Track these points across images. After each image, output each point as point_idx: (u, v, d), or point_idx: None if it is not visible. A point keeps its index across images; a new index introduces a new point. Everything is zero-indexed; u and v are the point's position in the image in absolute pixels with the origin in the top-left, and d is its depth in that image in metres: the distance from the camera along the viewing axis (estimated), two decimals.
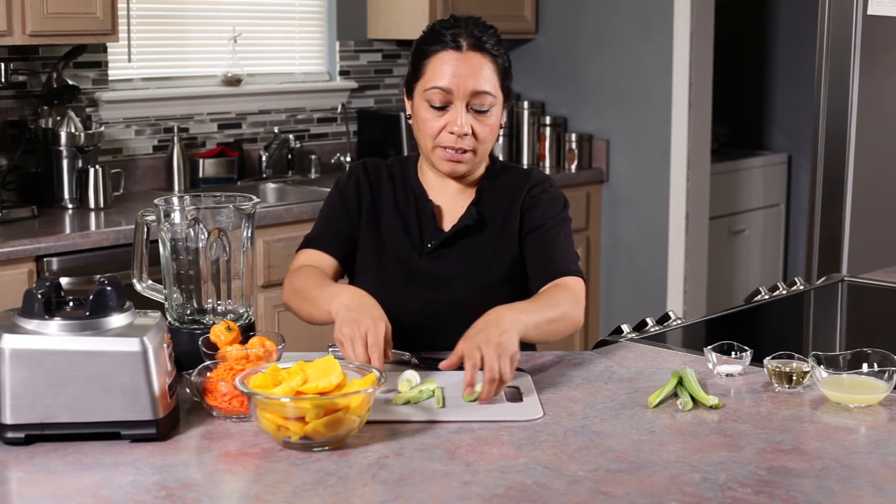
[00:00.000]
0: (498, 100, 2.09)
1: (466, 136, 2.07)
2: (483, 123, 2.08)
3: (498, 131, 2.13)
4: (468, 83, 2.05)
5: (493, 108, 2.08)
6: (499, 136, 2.17)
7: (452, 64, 2.05)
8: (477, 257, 2.14)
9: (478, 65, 2.05)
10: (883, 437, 1.63)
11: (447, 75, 2.05)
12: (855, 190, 3.61)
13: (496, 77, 2.08)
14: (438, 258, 2.14)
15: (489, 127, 2.09)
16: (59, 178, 3.68)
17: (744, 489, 1.42)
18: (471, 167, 2.12)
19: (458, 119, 2.05)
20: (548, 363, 1.98)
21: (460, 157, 2.08)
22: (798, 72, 5.62)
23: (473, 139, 2.07)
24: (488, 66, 2.07)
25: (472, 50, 2.06)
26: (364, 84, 4.68)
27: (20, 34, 3.39)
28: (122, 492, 1.41)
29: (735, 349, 1.92)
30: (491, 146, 2.14)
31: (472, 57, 2.06)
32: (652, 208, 4.69)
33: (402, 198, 2.19)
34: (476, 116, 2.07)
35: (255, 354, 1.76)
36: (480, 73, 2.05)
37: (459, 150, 2.07)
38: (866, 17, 3.51)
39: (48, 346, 1.55)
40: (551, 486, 1.43)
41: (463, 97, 2.05)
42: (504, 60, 2.11)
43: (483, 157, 2.14)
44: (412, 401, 1.76)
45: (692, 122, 4.55)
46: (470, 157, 2.10)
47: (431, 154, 2.11)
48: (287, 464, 1.51)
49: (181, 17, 4.23)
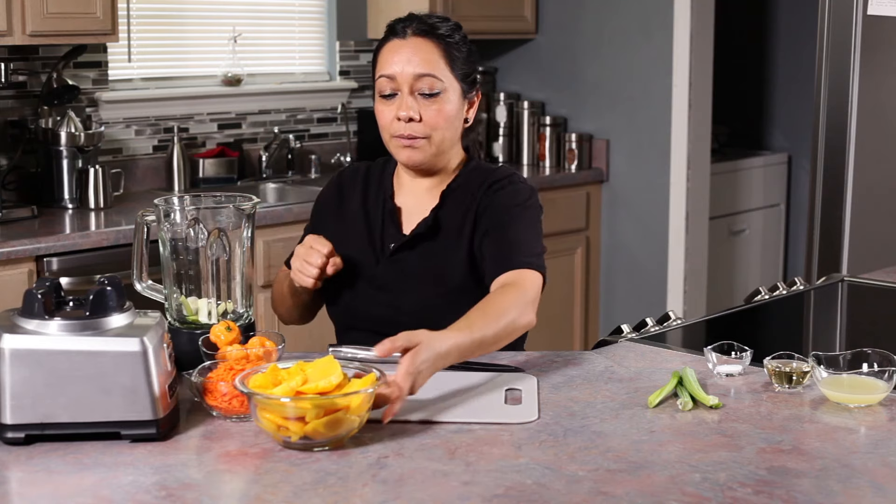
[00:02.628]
0: (448, 85, 2.08)
1: (413, 122, 2.07)
2: (428, 108, 2.07)
3: (455, 120, 2.10)
4: (408, 67, 2.06)
5: (445, 94, 2.07)
6: (477, 130, 2.16)
7: (395, 51, 2.08)
8: (435, 262, 2.11)
9: (419, 48, 2.07)
10: (883, 437, 1.63)
11: (390, 62, 2.08)
12: (855, 190, 3.61)
13: (443, 61, 2.07)
14: (398, 262, 2.13)
15: (439, 113, 2.07)
16: (59, 178, 3.68)
17: (744, 489, 1.42)
18: (427, 156, 2.10)
19: (404, 103, 2.06)
20: (548, 363, 1.98)
21: (411, 142, 2.08)
22: (798, 72, 5.62)
23: (424, 126, 2.07)
24: (432, 50, 2.07)
25: (416, 35, 2.08)
26: (364, 84, 4.68)
27: (20, 34, 3.39)
28: (122, 492, 1.41)
29: (735, 349, 1.92)
30: (449, 135, 2.10)
31: (415, 42, 2.08)
32: (652, 208, 4.69)
33: (373, 200, 2.19)
34: (424, 102, 2.07)
35: (255, 354, 1.76)
36: (421, 56, 2.06)
37: (409, 136, 2.08)
38: (866, 17, 3.51)
39: (48, 346, 1.55)
40: (551, 486, 1.43)
41: (407, 82, 2.06)
42: (457, 48, 2.09)
43: (442, 147, 2.11)
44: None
45: (692, 122, 4.55)
46: (424, 144, 2.09)
47: (390, 145, 2.12)
48: (287, 464, 1.51)
49: (181, 17, 4.23)
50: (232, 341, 1.81)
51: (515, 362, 1.97)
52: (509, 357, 2.00)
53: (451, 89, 2.09)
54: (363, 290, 2.14)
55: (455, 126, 2.11)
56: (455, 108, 2.10)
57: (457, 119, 2.11)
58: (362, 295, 2.14)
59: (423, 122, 2.07)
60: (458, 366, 1.91)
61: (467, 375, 1.88)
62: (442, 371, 1.89)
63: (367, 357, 1.95)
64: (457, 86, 2.09)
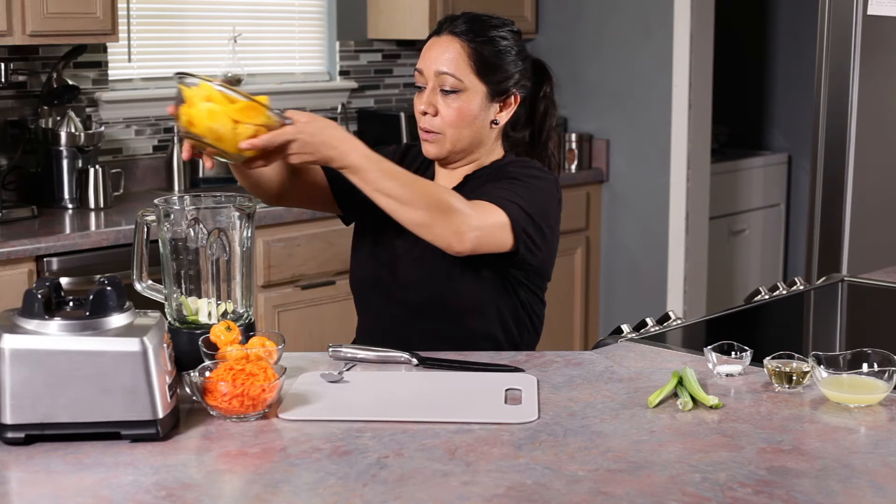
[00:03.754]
0: (469, 85, 2.10)
1: (427, 116, 2.12)
2: (447, 106, 2.11)
3: (476, 120, 2.12)
4: (433, 64, 2.11)
5: (465, 94, 2.10)
6: (496, 130, 2.16)
7: (430, 47, 2.14)
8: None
9: (448, 48, 2.11)
10: (883, 437, 1.63)
11: (423, 57, 2.14)
12: (855, 190, 3.61)
13: (468, 62, 2.10)
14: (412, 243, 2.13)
15: (453, 110, 2.10)
16: (59, 178, 3.68)
17: (744, 489, 1.42)
18: (443, 151, 2.14)
19: (425, 97, 2.12)
20: (548, 363, 1.98)
21: (426, 136, 2.14)
22: (798, 72, 5.62)
23: (441, 122, 2.11)
24: (457, 50, 2.10)
25: (448, 34, 2.12)
26: (364, 84, 4.68)
27: (20, 34, 3.40)
28: (122, 492, 1.41)
29: (735, 349, 1.92)
30: (468, 134, 2.12)
31: (445, 40, 2.12)
32: (652, 208, 4.69)
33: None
34: (445, 99, 2.11)
35: (255, 354, 1.76)
36: (445, 56, 2.10)
37: (426, 130, 2.13)
38: (866, 17, 3.51)
39: (48, 346, 1.55)
40: (551, 486, 1.43)
41: (430, 77, 2.12)
42: (490, 51, 2.11)
43: (458, 145, 2.13)
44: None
45: (692, 122, 4.55)
46: (438, 139, 2.13)
47: (420, 135, 2.17)
48: (287, 464, 1.51)
49: (181, 17, 4.23)
50: (232, 341, 1.81)
51: (515, 362, 1.97)
52: (509, 357, 2.00)
53: (474, 90, 2.11)
54: (380, 255, 2.18)
55: (476, 126, 2.13)
56: (476, 109, 2.12)
57: (478, 119, 2.13)
58: (377, 260, 2.18)
59: (441, 117, 2.11)
60: (458, 366, 1.92)
61: (467, 375, 1.88)
62: (442, 371, 1.89)
63: (367, 357, 1.96)
64: (481, 88, 2.11)
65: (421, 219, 1.93)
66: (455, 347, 2.07)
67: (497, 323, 2.14)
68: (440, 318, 2.13)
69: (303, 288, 3.76)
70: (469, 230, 1.95)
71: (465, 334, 2.13)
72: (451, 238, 1.94)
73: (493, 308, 2.13)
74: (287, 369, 1.73)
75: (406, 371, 1.92)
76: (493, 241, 2.00)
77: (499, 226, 2.00)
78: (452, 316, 2.13)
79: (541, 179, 2.12)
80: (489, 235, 1.99)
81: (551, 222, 2.12)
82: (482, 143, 2.16)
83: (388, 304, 2.18)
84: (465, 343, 2.10)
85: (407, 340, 2.04)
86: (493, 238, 2.00)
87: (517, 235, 2.02)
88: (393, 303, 2.17)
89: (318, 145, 1.88)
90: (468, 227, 1.95)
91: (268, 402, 1.66)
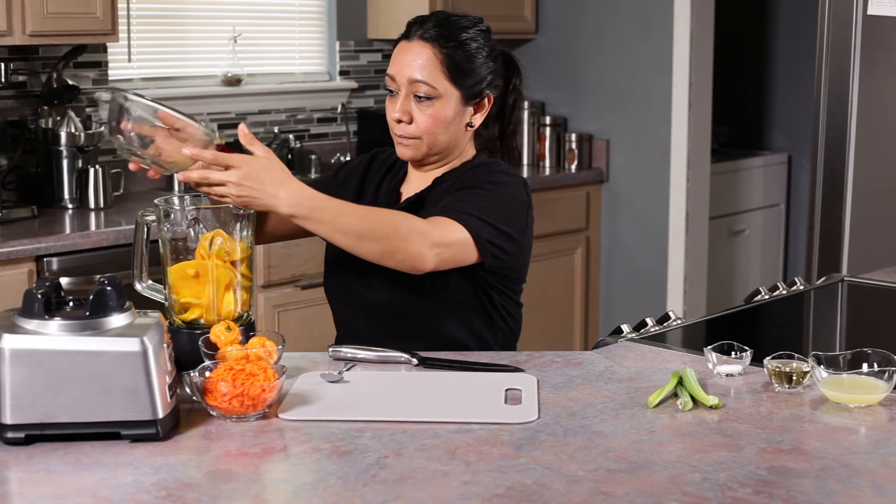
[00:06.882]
0: (443, 91, 2.09)
1: (402, 123, 2.11)
2: (422, 112, 2.10)
3: (451, 124, 2.12)
4: (405, 71, 2.10)
5: (439, 100, 2.10)
6: (471, 133, 2.17)
7: (400, 52, 2.13)
8: None
9: (418, 54, 2.10)
10: (883, 437, 1.63)
11: (394, 62, 2.13)
12: (855, 190, 3.61)
13: (441, 69, 2.09)
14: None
15: (428, 117, 2.10)
16: (59, 178, 3.68)
17: (744, 489, 1.42)
18: (418, 153, 2.14)
19: (399, 105, 2.11)
20: (548, 363, 1.98)
21: (401, 140, 2.14)
22: (798, 72, 5.62)
23: (416, 128, 2.11)
24: (429, 57, 2.09)
25: (419, 39, 2.11)
26: (364, 84, 4.68)
27: (20, 34, 3.40)
28: (122, 492, 1.41)
29: (735, 349, 1.92)
30: (444, 138, 2.13)
31: (416, 46, 2.11)
32: (652, 208, 4.69)
33: (386, 184, 2.24)
34: (419, 105, 2.11)
35: (255, 354, 1.76)
36: (417, 62, 2.09)
37: (399, 135, 2.13)
38: (866, 17, 3.51)
39: (48, 346, 1.55)
40: (551, 486, 1.43)
41: (403, 84, 2.11)
42: (462, 55, 2.10)
43: (434, 148, 2.14)
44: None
45: (692, 122, 4.55)
46: (413, 144, 2.13)
47: (393, 138, 2.17)
48: (287, 464, 1.51)
49: (181, 17, 4.23)
50: (232, 341, 1.81)
51: (515, 362, 1.97)
52: (509, 357, 2.01)
53: (448, 96, 2.10)
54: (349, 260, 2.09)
55: (451, 130, 2.13)
56: (451, 114, 2.12)
57: (453, 123, 2.13)
58: (346, 265, 2.14)
59: (416, 124, 2.11)
60: (458, 366, 1.92)
61: (467, 375, 1.88)
62: (442, 371, 1.89)
63: (367, 357, 1.96)
64: (455, 93, 2.11)
65: (381, 249, 1.93)
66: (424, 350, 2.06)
67: (466, 326, 2.14)
68: (409, 321, 2.13)
69: (303, 288, 3.76)
70: (429, 249, 1.96)
71: (434, 338, 2.11)
72: (413, 262, 1.96)
73: (462, 312, 2.13)
74: (287, 369, 1.73)
75: (406, 371, 1.92)
76: (455, 257, 2.02)
77: (460, 243, 2.01)
78: (421, 319, 2.12)
79: (504, 185, 2.11)
80: (451, 253, 2.00)
81: (520, 225, 2.11)
82: (458, 145, 2.17)
83: (358, 308, 2.18)
84: (433, 347, 2.08)
85: (376, 344, 2.01)
86: (456, 255, 2.01)
87: (482, 248, 2.03)
88: (362, 306, 2.17)
89: (260, 185, 1.86)
90: (428, 246, 1.96)
91: (268, 402, 1.66)
